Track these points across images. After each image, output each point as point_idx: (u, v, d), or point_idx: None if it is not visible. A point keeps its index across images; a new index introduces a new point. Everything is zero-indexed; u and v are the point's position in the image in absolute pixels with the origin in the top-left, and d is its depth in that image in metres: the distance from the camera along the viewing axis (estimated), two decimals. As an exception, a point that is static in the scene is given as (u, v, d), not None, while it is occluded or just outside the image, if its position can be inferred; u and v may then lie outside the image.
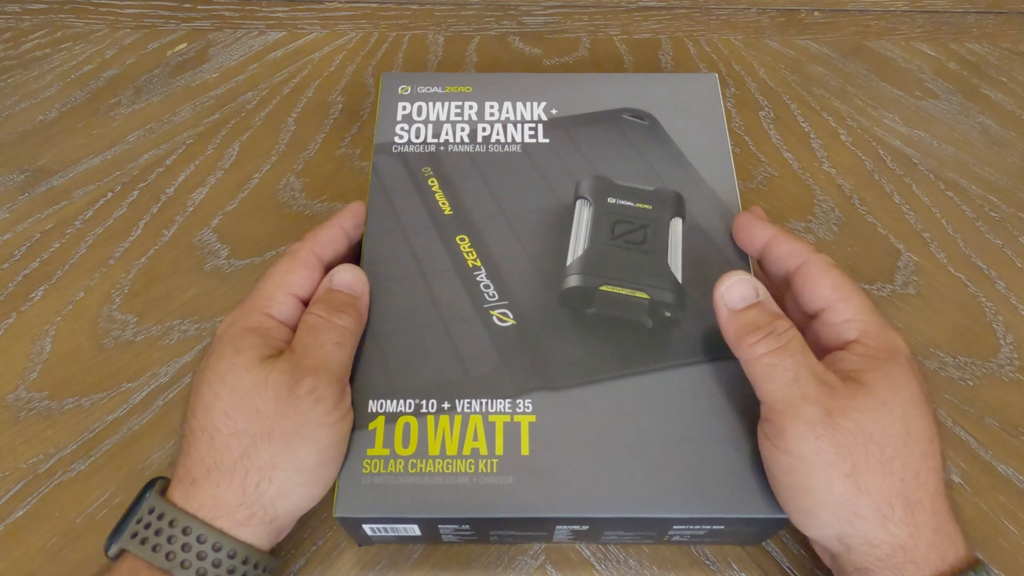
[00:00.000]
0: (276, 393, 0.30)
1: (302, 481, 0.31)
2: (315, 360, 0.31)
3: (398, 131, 0.42)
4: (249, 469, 0.30)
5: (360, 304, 0.35)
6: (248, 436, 0.30)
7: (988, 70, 0.56)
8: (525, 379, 0.34)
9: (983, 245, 0.47)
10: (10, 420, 0.40)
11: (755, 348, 0.30)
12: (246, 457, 0.30)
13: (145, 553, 0.29)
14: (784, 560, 0.36)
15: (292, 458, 0.30)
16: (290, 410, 0.30)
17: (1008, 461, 0.39)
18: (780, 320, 0.31)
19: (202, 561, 0.29)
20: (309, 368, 0.31)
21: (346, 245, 0.37)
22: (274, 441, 0.30)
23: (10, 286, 0.44)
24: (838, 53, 0.57)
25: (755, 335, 0.30)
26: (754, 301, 0.32)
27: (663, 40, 0.58)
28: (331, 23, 0.58)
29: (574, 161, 0.41)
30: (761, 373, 0.30)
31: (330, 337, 0.32)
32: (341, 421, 0.32)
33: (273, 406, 0.30)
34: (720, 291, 0.32)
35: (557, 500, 0.31)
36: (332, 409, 0.31)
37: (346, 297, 0.34)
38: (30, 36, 0.57)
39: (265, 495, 0.30)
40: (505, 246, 0.38)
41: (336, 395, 0.31)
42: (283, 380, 0.30)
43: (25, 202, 0.48)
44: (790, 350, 0.30)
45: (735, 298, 0.32)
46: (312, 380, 0.31)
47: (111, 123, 0.52)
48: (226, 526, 0.30)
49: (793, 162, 0.50)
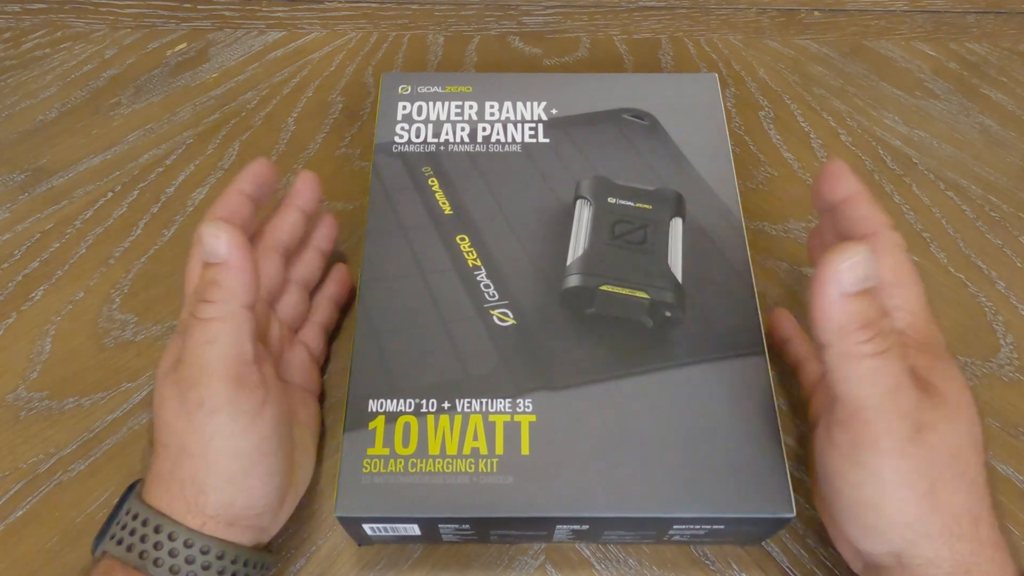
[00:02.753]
0: (173, 410, 0.29)
1: (238, 490, 0.29)
2: (192, 368, 0.28)
3: (398, 131, 0.42)
4: (183, 481, 0.29)
5: (226, 272, 0.29)
6: (172, 450, 0.29)
7: (988, 70, 0.56)
8: (525, 379, 0.34)
9: (983, 245, 0.47)
10: (10, 420, 0.40)
11: (862, 347, 0.26)
12: (176, 469, 0.29)
13: (120, 553, 0.29)
14: (784, 560, 0.36)
15: (214, 472, 0.29)
16: (190, 426, 0.28)
17: (1008, 461, 0.39)
18: (886, 318, 0.27)
19: (174, 558, 0.29)
20: (190, 379, 0.28)
21: (252, 210, 0.34)
22: (191, 455, 0.29)
23: (10, 286, 0.44)
24: (838, 53, 0.57)
25: (866, 331, 0.26)
26: (870, 286, 0.26)
27: (663, 40, 0.58)
28: (331, 23, 0.58)
29: (574, 161, 0.41)
30: (860, 376, 0.26)
31: (197, 336, 0.29)
32: (254, 422, 0.29)
33: (176, 423, 0.29)
34: (839, 266, 0.25)
35: (557, 500, 0.31)
36: (234, 415, 0.28)
37: (211, 272, 0.29)
38: (30, 36, 0.57)
39: (208, 506, 0.29)
40: (505, 246, 0.38)
41: (228, 399, 0.28)
42: (173, 394, 0.29)
43: (25, 202, 0.48)
44: (895, 354, 0.26)
45: (854, 279, 0.26)
46: (196, 393, 0.28)
47: (111, 123, 0.52)
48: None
49: (793, 162, 0.50)
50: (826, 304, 0.26)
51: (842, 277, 0.25)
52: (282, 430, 0.31)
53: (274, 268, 0.37)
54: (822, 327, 0.26)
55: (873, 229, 0.31)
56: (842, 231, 0.32)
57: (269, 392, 0.30)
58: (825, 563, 0.36)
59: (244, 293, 0.29)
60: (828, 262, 0.26)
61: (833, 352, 0.26)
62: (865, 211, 0.31)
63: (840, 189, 0.32)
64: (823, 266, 0.26)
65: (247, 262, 0.29)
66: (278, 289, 0.37)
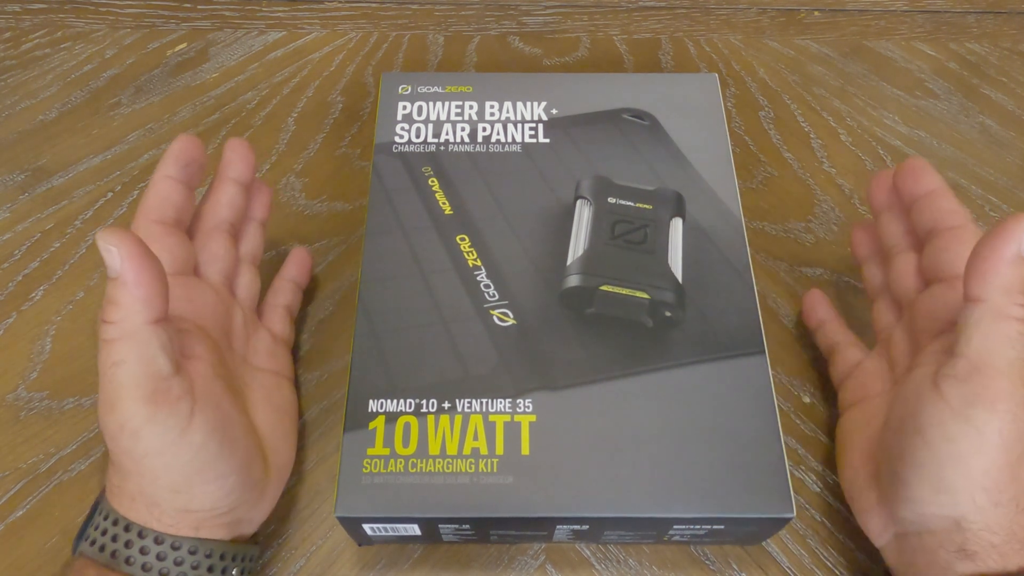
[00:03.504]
0: (105, 431, 0.28)
1: (189, 497, 0.29)
2: (105, 392, 0.27)
3: (398, 131, 0.42)
4: (133, 495, 0.29)
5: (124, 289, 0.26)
6: (115, 468, 0.29)
7: (988, 70, 0.56)
8: (525, 379, 0.34)
9: (983, 245, 0.47)
10: (10, 420, 0.40)
11: (1017, 308, 0.27)
12: (125, 483, 0.29)
13: (93, 553, 0.29)
14: (784, 560, 0.36)
15: (157, 485, 0.28)
16: (117, 448, 0.28)
17: (1008, 461, 0.39)
18: None
19: (145, 556, 0.29)
20: (107, 403, 0.27)
21: (185, 194, 0.33)
22: (131, 474, 0.28)
23: (10, 286, 0.44)
24: (838, 53, 0.57)
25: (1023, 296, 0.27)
26: None
27: (663, 40, 0.58)
28: (331, 23, 0.58)
29: (574, 161, 0.41)
30: (1003, 335, 0.27)
31: (103, 359, 0.27)
32: (184, 435, 0.27)
33: (111, 443, 0.28)
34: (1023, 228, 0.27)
35: (557, 500, 0.31)
36: (158, 432, 0.27)
37: (110, 289, 0.26)
38: (30, 36, 0.57)
39: (165, 515, 0.29)
40: (505, 246, 0.38)
41: (147, 417, 0.27)
42: (101, 418, 0.28)
43: (25, 202, 0.48)
44: None
45: None
46: (114, 417, 0.27)
47: (111, 123, 0.52)
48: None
49: (793, 162, 0.50)
50: (998, 261, 0.27)
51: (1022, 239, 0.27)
52: (225, 432, 0.29)
53: (223, 249, 0.35)
54: (984, 281, 0.27)
55: (960, 222, 0.32)
56: (923, 224, 0.33)
57: (197, 400, 0.28)
58: (825, 563, 0.36)
59: (144, 309, 0.26)
60: (1013, 221, 0.27)
61: (986, 307, 0.27)
62: (952, 204, 0.33)
63: (924, 182, 0.33)
64: (1004, 225, 0.27)
65: (145, 274, 0.26)
66: (233, 271, 0.36)
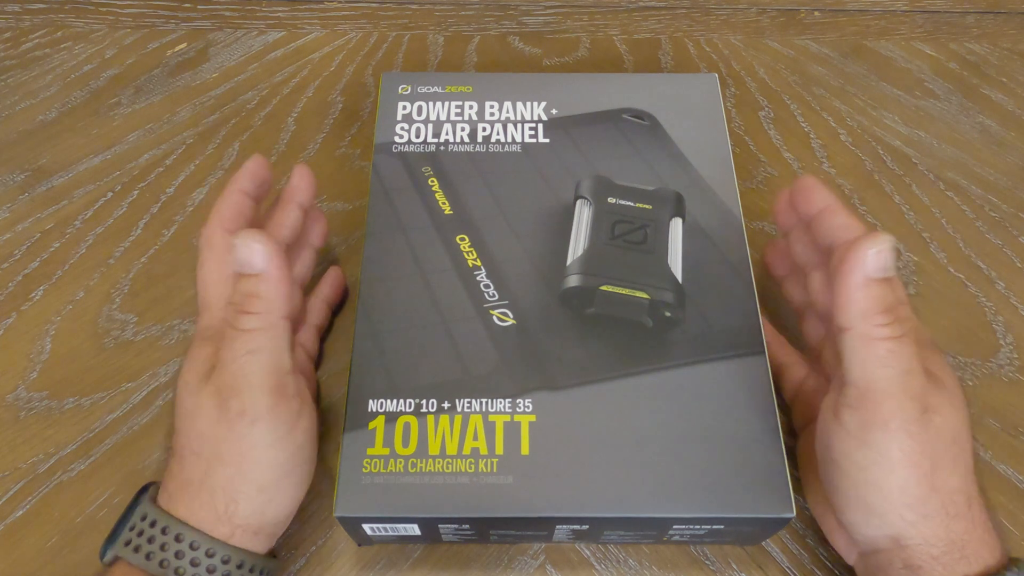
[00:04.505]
0: (210, 418, 0.29)
1: (269, 498, 0.30)
2: (232, 378, 0.29)
3: (398, 131, 0.42)
4: (214, 489, 0.29)
5: (265, 284, 0.29)
6: (204, 459, 0.29)
7: (988, 70, 0.56)
8: (525, 379, 0.34)
9: (983, 245, 0.47)
10: (10, 420, 0.40)
11: (882, 330, 0.27)
12: (209, 477, 0.29)
13: (139, 560, 0.29)
14: (784, 560, 0.36)
15: (249, 480, 0.29)
16: (229, 434, 0.29)
17: (1008, 461, 0.39)
18: (904, 306, 0.29)
19: (196, 568, 0.29)
20: (231, 388, 0.29)
21: (255, 208, 0.35)
22: (227, 464, 0.29)
23: (10, 286, 0.44)
24: (838, 53, 0.57)
25: (885, 316, 0.27)
26: (893, 275, 0.28)
27: (663, 40, 0.58)
28: (331, 23, 0.58)
29: (574, 161, 0.41)
30: (876, 357, 0.27)
31: (238, 347, 0.29)
32: (291, 432, 0.30)
33: (213, 431, 0.29)
34: (867, 252, 0.27)
35: (557, 500, 0.31)
36: (274, 424, 0.29)
37: (250, 284, 0.29)
38: (30, 36, 0.57)
39: (237, 515, 0.29)
40: (505, 246, 0.38)
41: (268, 409, 0.29)
42: (212, 404, 0.29)
43: (25, 202, 0.48)
44: (910, 339, 0.28)
45: (879, 266, 0.27)
46: (237, 402, 0.28)
47: (111, 123, 0.52)
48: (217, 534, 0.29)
49: (793, 162, 0.50)
50: (852, 288, 0.27)
51: (868, 263, 0.27)
52: (313, 441, 0.31)
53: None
54: (845, 310, 0.28)
55: (854, 235, 0.32)
56: (823, 242, 0.33)
57: (304, 403, 0.30)
58: (825, 563, 0.36)
59: (283, 304, 0.29)
60: (856, 248, 0.27)
61: (853, 334, 0.28)
62: (843, 220, 0.32)
63: (815, 201, 0.33)
64: (850, 252, 0.27)
65: (284, 272, 0.29)
66: None
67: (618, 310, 0.36)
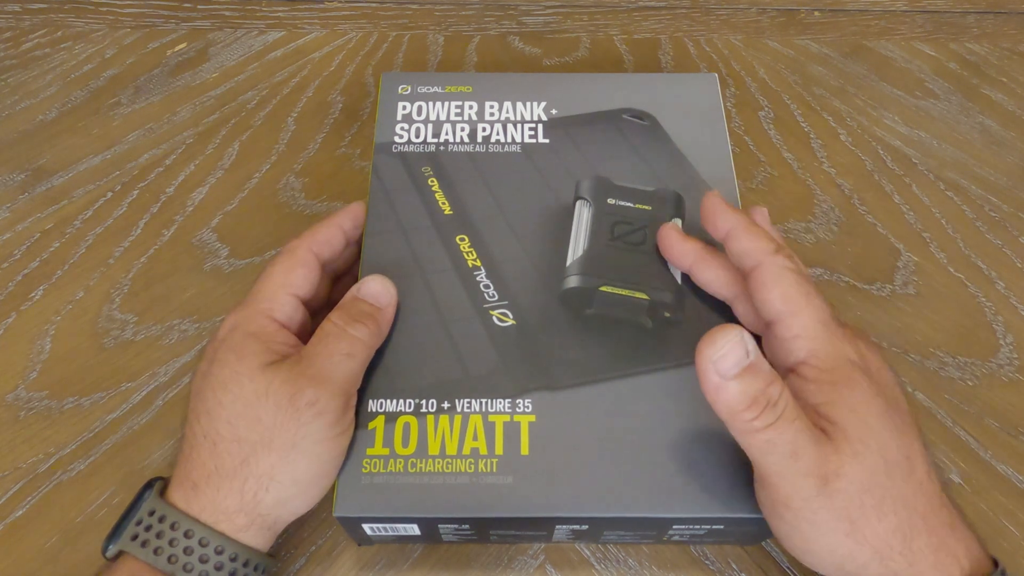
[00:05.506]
0: (277, 403, 0.30)
1: (298, 492, 0.31)
2: (319, 370, 0.30)
3: (398, 131, 0.42)
4: (248, 476, 0.30)
5: (382, 316, 0.34)
6: (249, 444, 0.30)
7: (988, 70, 0.56)
8: (525, 379, 0.34)
9: (983, 245, 0.47)
10: (10, 420, 0.40)
11: (753, 423, 0.26)
12: (245, 465, 0.30)
13: (146, 556, 0.29)
14: (784, 560, 0.36)
15: (290, 470, 0.30)
16: (290, 422, 0.30)
17: (1008, 461, 0.39)
18: (773, 384, 0.26)
19: (204, 564, 0.29)
20: (312, 378, 0.30)
21: (344, 245, 0.36)
22: (273, 451, 0.30)
23: (10, 286, 0.44)
24: (838, 53, 0.57)
25: (752, 410, 0.26)
26: (747, 363, 0.26)
27: (663, 40, 0.58)
28: (331, 23, 0.58)
29: (574, 161, 0.41)
30: (759, 448, 0.27)
31: (340, 347, 0.31)
32: (342, 435, 0.31)
33: (273, 416, 0.30)
34: (711, 356, 0.26)
35: (557, 500, 0.31)
36: (334, 423, 0.30)
37: (368, 308, 0.33)
38: (30, 36, 0.57)
39: (262, 503, 0.30)
40: (505, 246, 0.38)
41: (338, 409, 0.31)
42: (284, 390, 0.30)
43: (25, 202, 0.48)
44: (787, 420, 0.27)
45: (729, 365, 0.26)
46: (313, 392, 0.30)
47: (111, 123, 0.52)
48: (228, 530, 0.30)
49: (793, 162, 0.50)
50: (710, 391, 0.26)
51: (718, 367, 0.26)
52: (343, 457, 0.32)
53: (314, 282, 0.36)
54: (718, 410, 0.27)
55: (756, 261, 0.31)
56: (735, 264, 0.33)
57: (352, 422, 0.32)
58: (825, 563, 0.36)
59: (383, 336, 0.34)
60: (701, 353, 0.26)
61: (732, 431, 0.28)
62: (745, 244, 0.31)
63: (720, 225, 0.33)
64: (698, 356, 0.26)
65: (393, 312, 0.35)
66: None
67: (618, 311, 0.36)
